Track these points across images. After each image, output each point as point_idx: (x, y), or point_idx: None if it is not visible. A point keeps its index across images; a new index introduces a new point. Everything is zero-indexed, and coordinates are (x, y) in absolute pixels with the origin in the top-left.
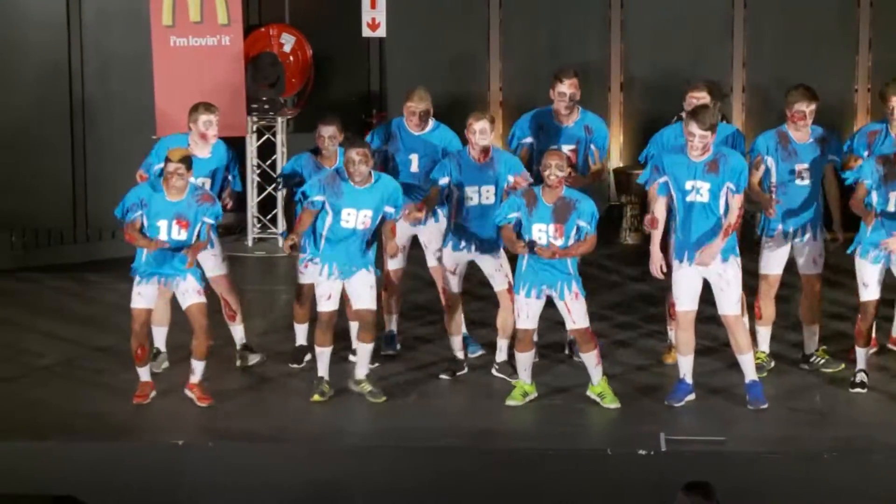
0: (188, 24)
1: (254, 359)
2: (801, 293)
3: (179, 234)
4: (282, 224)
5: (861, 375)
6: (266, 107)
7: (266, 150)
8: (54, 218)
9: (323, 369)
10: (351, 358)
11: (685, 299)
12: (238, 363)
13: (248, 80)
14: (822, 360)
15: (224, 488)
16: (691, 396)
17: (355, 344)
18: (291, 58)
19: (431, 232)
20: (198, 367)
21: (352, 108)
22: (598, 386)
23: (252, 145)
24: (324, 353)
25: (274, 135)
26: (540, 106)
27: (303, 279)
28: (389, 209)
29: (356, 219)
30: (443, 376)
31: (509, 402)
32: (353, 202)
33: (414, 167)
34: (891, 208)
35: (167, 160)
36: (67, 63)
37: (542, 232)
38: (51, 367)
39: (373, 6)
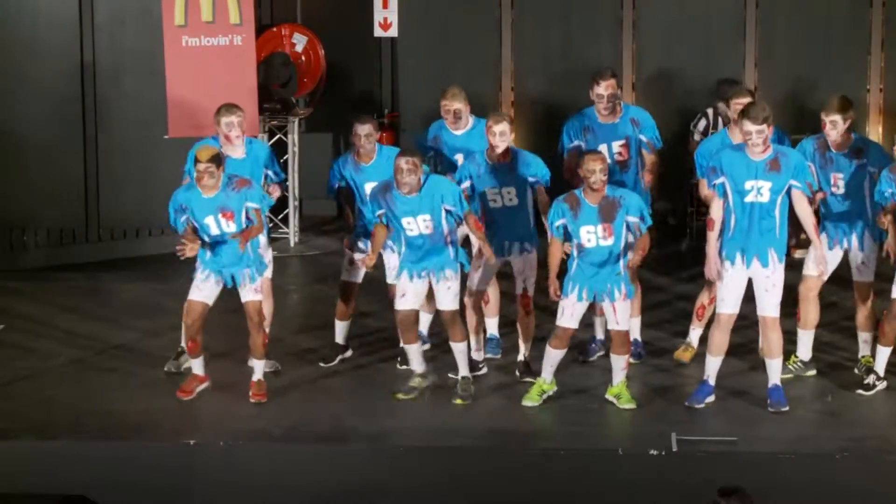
0: (200, 23)
1: (269, 366)
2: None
3: (228, 227)
4: (293, 223)
5: (872, 377)
6: (278, 107)
7: (278, 151)
8: (68, 217)
9: (415, 363)
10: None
11: (730, 301)
12: (249, 364)
13: (260, 80)
14: (797, 366)
15: (236, 489)
16: (711, 398)
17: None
18: (303, 58)
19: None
20: (256, 365)
21: (363, 108)
22: (617, 388)
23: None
24: (411, 350)
25: (286, 135)
26: (551, 105)
27: (349, 276)
28: (450, 207)
29: (418, 225)
30: (452, 375)
31: (525, 403)
32: (407, 211)
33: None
34: None
35: (196, 160)
36: (80, 63)
37: (590, 234)
38: (64, 366)
39: (385, 6)
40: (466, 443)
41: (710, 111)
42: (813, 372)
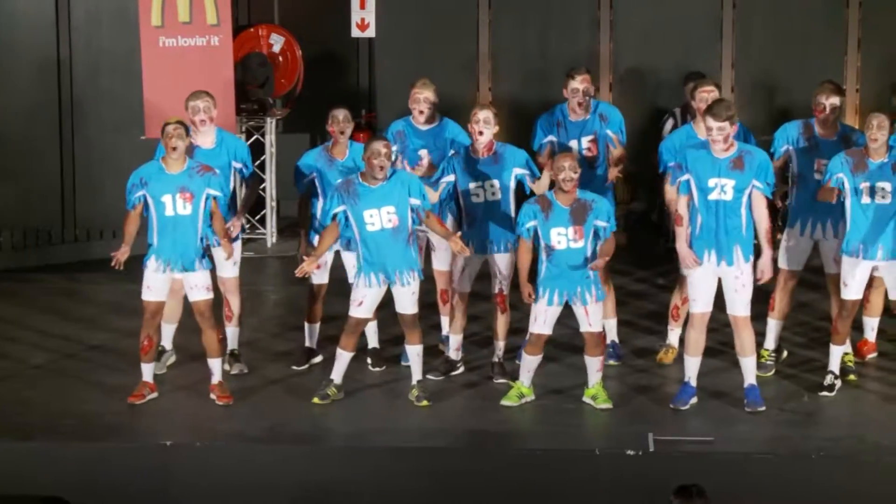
0: (177, 24)
1: (236, 368)
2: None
3: (185, 209)
4: (270, 223)
5: (830, 377)
6: (255, 107)
7: (255, 151)
8: (43, 217)
9: (337, 373)
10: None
11: (701, 301)
12: (225, 367)
13: (237, 80)
14: (770, 360)
15: (212, 489)
16: (695, 399)
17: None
18: (281, 58)
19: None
20: (214, 365)
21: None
22: (594, 388)
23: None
24: (343, 357)
25: (263, 135)
26: (528, 105)
27: (314, 279)
28: (415, 201)
29: (380, 218)
30: (430, 376)
31: (504, 403)
32: (371, 202)
33: (424, 163)
34: (865, 201)
35: (165, 125)
36: (56, 63)
37: (561, 236)
38: (41, 367)
39: (362, 6)
40: (444, 443)
41: (677, 110)
42: (784, 354)
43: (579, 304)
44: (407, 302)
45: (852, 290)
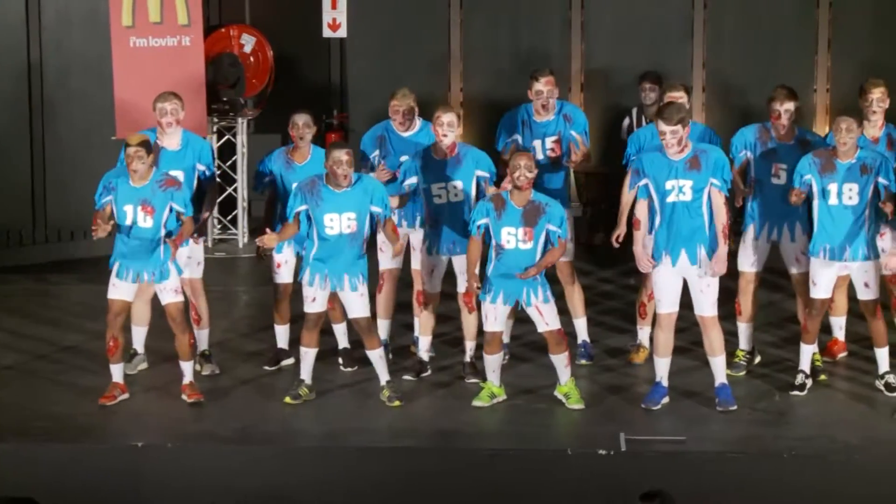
0: (148, 24)
1: (207, 369)
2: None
3: (145, 221)
4: (241, 224)
5: (801, 376)
6: (226, 108)
7: (227, 152)
8: (14, 218)
9: (306, 372)
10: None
11: (667, 301)
12: (196, 367)
13: (208, 80)
14: (745, 360)
15: (183, 490)
16: (666, 399)
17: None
18: (252, 58)
19: (418, 235)
20: (186, 367)
21: (312, 109)
22: (565, 386)
23: (213, 146)
24: (308, 354)
25: (234, 136)
26: (499, 105)
27: (278, 279)
28: (376, 209)
29: (340, 223)
30: (406, 377)
31: (476, 404)
32: (334, 206)
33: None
34: (832, 202)
35: (126, 145)
36: (27, 64)
37: (511, 235)
38: (11, 368)
39: (333, 7)
40: (415, 443)
41: (634, 110)
42: (758, 358)
43: (528, 305)
44: (358, 306)
45: (821, 289)
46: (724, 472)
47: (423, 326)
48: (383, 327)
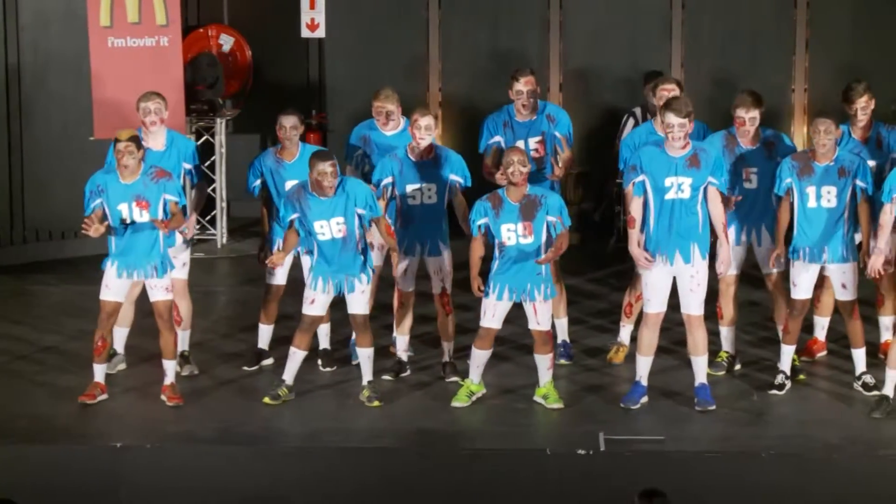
0: (126, 24)
1: (187, 370)
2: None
3: (141, 216)
4: (220, 224)
5: (781, 377)
6: (205, 108)
7: (205, 152)
8: None
9: (289, 373)
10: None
11: (656, 300)
12: (176, 368)
13: (186, 81)
14: (727, 361)
15: (163, 491)
16: (645, 398)
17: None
18: (230, 58)
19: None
20: (168, 366)
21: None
22: (544, 388)
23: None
24: (296, 355)
25: (213, 136)
26: (478, 105)
27: (271, 279)
28: (361, 211)
29: (330, 229)
30: (385, 377)
31: (455, 404)
32: (320, 213)
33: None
34: (811, 204)
35: (116, 141)
36: (4, 64)
37: (511, 232)
38: None
39: (312, 7)
40: (394, 444)
41: (637, 110)
42: (738, 366)
43: (528, 301)
44: (357, 303)
45: (801, 289)
46: (703, 471)
47: (400, 326)
48: None
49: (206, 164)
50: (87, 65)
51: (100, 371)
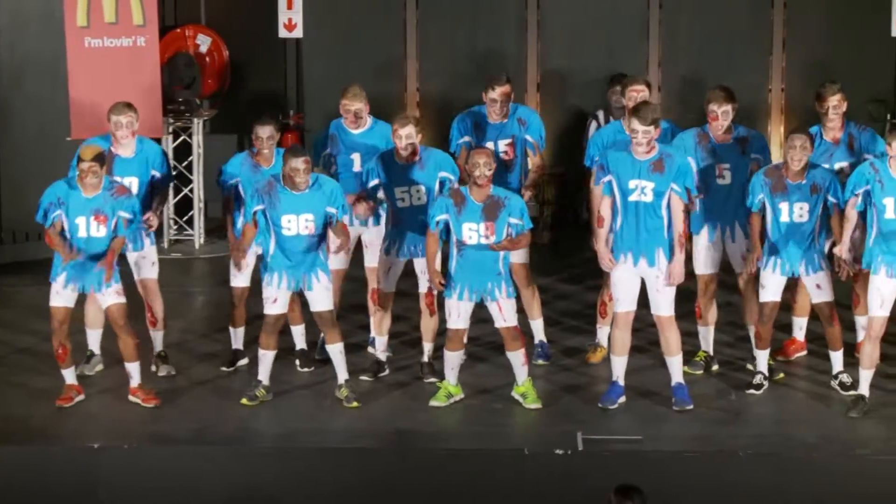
0: (103, 24)
1: (164, 370)
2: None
3: (98, 231)
4: (197, 225)
5: (759, 377)
6: (182, 108)
7: (183, 152)
8: None
9: (263, 373)
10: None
11: (625, 300)
12: (152, 369)
13: (163, 81)
14: (705, 361)
15: (140, 492)
16: (623, 398)
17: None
18: (207, 59)
19: (373, 233)
20: (132, 369)
21: (268, 109)
22: (523, 386)
23: (168, 147)
24: (266, 357)
25: (190, 136)
26: (456, 105)
27: (234, 282)
28: (332, 210)
29: (297, 224)
30: (364, 378)
31: (433, 403)
32: (291, 208)
33: (356, 167)
34: (783, 219)
35: (80, 159)
36: None
37: (472, 231)
38: None
39: (289, 7)
40: (372, 444)
41: (599, 113)
42: (715, 367)
43: (490, 300)
44: (320, 300)
45: (770, 291)
46: (680, 470)
47: (379, 326)
48: None
49: (184, 164)
50: (64, 65)
51: (69, 375)
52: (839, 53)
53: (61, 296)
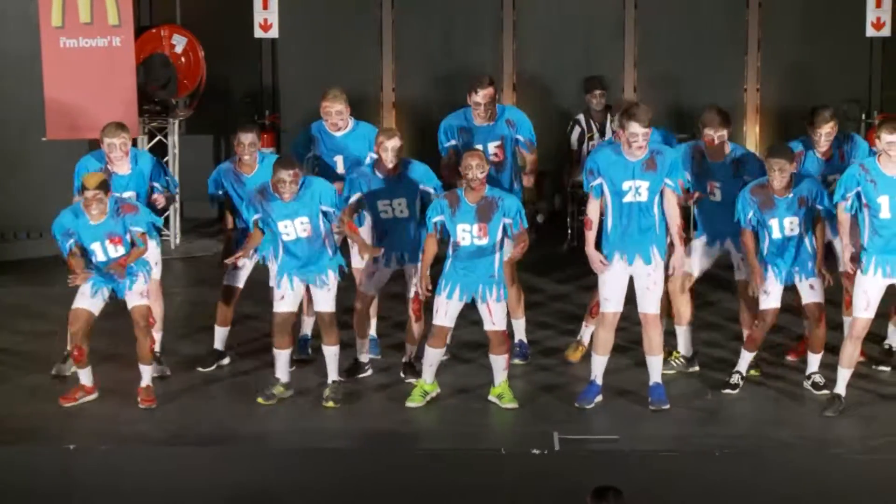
0: (78, 25)
1: (157, 371)
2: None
3: (116, 252)
4: (174, 225)
5: (737, 376)
6: (158, 108)
7: (158, 152)
8: None
9: (280, 371)
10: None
11: (613, 300)
12: None
13: (139, 81)
14: (678, 362)
15: (118, 493)
16: (600, 397)
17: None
18: (183, 59)
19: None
20: (144, 371)
21: (244, 110)
22: (499, 388)
23: (144, 147)
24: (281, 356)
25: (166, 136)
26: (432, 106)
27: (229, 281)
28: (326, 208)
29: (295, 229)
30: (343, 377)
31: (409, 404)
32: (284, 214)
33: (340, 169)
34: (776, 235)
35: (84, 188)
36: None
37: (466, 232)
38: None
39: (265, 7)
40: (349, 444)
41: (581, 117)
42: (696, 368)
43: (481, 302)
44: (324, 300)
45: (773, 298)
46: (657, 470)
47: (359, 328)
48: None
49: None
50: (40, 66)
51: (84, 375)
52: (814, 54)
53: (86, 298)
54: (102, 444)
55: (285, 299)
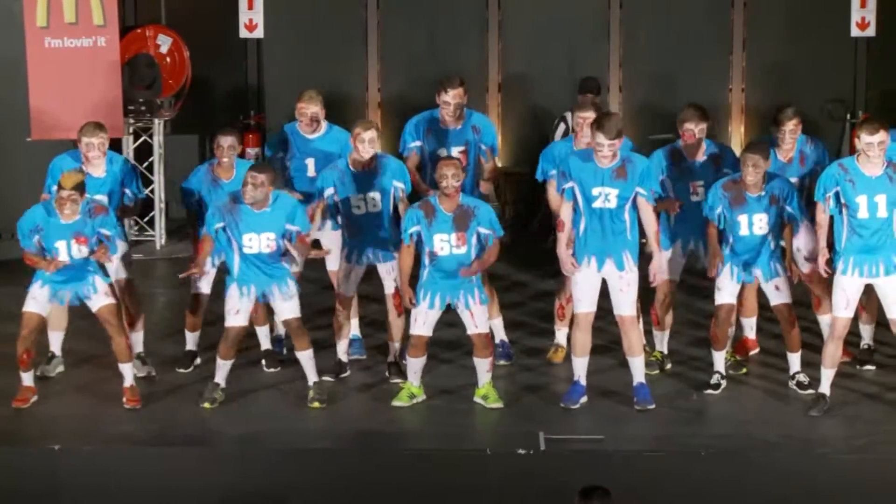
0: (63, 25)
1: (143, 371)
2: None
3: (80, 252)
4: (159, 226)
5: (717, 377)
6: (143, 108)
7: (143, 153)
8: None
9: (220, 377)
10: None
11: (585, 301)
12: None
13: (124, 81)
14: (658, 360)
15: (102, 493)
16: (584, 398)
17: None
18: (168, 59)
19: (331, 237)
20: (125, 369)
21: (229, 110)
22: (483, 388)
23: (129, 147)
24: (225, 366)
25: (151, 137)
26: (417, 107)
27: (197, 289)
28: (293, 228)
29: (259, 243)
30: (326, 378)
31: (395, 403)
32: (252, 226)
33: (310, 172)
34: (743, 232)
35: (59, 187)
36: None
37: (444, 242)
38: None
39: (250, 7)
40: (335, 445)
41: (567, 115)
42: (668, 366)
43: (463, 308)
44: (287, 308)
45: (726, 293)
46: (642, 470)
47: (341, 330)
48: None
49: (144, 164)
50: (25, 66)
51: (28, 377)
52: (799, 54)
53: (37, 302)
54: (87, 444)
55: (240, 313)
